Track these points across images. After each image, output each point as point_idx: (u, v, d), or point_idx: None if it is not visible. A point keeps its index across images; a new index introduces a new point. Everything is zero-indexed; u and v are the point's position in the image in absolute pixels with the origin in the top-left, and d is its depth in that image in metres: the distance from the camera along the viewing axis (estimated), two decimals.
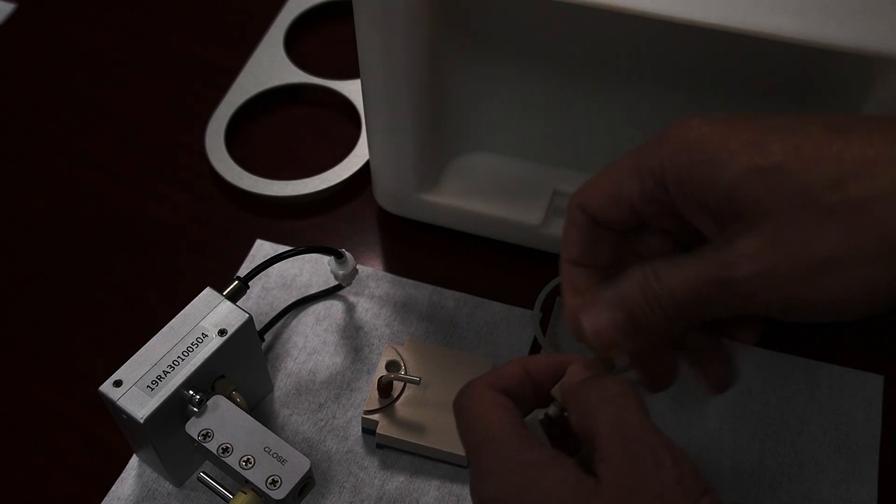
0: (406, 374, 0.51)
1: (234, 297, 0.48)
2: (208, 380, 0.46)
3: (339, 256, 0.54)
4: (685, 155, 0.33)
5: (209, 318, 0.46)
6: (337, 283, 0.56)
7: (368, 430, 0.50)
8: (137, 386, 0.44)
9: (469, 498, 0.42)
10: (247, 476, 0.43)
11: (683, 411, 0.51)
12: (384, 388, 0.50)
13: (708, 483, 0.33)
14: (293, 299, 0.56)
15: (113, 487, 0.50)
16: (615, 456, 0.33)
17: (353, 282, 0.56)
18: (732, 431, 0.51)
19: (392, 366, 0.51)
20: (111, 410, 0.45)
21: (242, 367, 0.48)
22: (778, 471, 0.49)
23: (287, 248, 0.55)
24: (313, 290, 0.57)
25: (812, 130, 0.32)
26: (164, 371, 0.44)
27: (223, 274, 0.58)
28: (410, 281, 0.57)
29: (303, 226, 0.61)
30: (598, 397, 0.35)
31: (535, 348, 0.54)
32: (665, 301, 0.34)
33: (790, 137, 0.32)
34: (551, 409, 0.38)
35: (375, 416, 0.50)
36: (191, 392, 0.44)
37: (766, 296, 0.32)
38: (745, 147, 0.32)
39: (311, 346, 0.55)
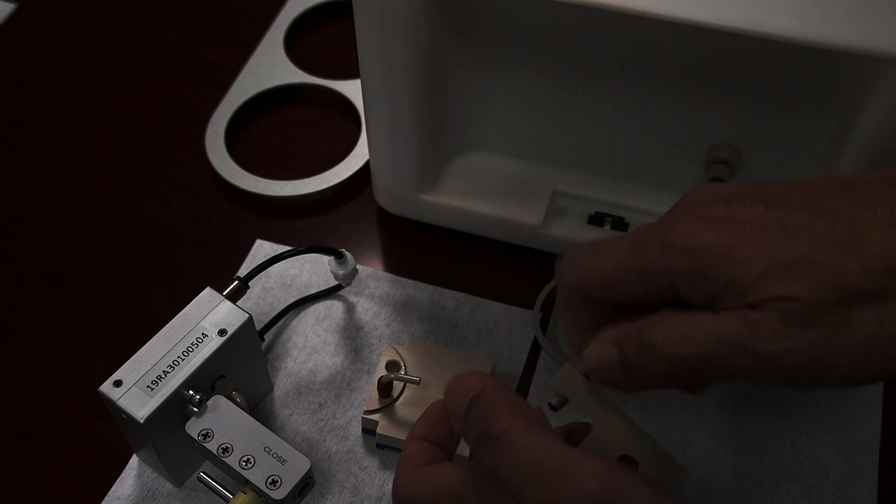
0: (406, 374, 0.51)
1: (234, 297, 0.48)
2: (208, 380, 0.46)
3: (339, 256, 0.54)
4: (697, 261, 0.34)
5: (209, 318, 0.46)
6: (337, 283, 0.56)
7: (368, 430, 0.50)
8: (137, 386, 0.44)
9: None
10: (247, 476, 0.43)
11: (683, 409, 0.51)
12: (384, 388, 0.50)
13: (634, 476, 0.33)
14: (293, 299, 0.56)
15: (113, 487, 0.50)
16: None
17: (353, 282, 0.56)
18: (732, 431, 0.51)
19: (392, 366, 0.51)
20: (111, 410, 0.45)
21: (242, 367, 0.48)
22: (778, 471, 0.49)
23: (287, 248, 0.55)
24: (313, 290, 0.57)
25: (823, 226, 0.33)
26: (164, 371, 0.44)
27: (223, 274, 0.58)
28: (410, 281, 0.57)
29: (303, 226, 0.61)
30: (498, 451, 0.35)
31: (535, 348, 0.54)
32: (668, 353, 0.34)
33: (804, 232, 0.32)
34: (554, 400, 0.39)
35: (375, 416, 0.50)
36: (191, 392, 0.44)
37: (801, 367, 0.33)
38: (762, 246, 0.33)
39: (311, 346, 0.55)
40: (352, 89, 0.68)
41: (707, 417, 0.51)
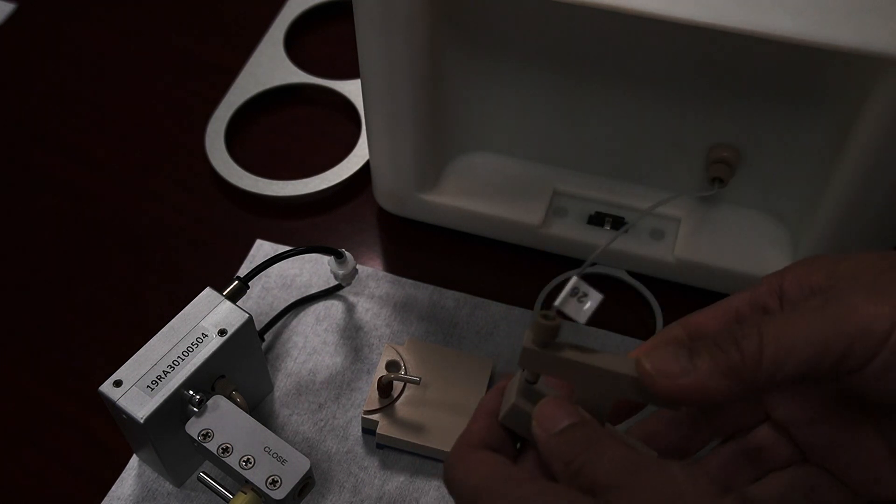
0: (406, 374, 0.51)
1: (234, 297, 0.48)
2: (208, 380, 0.46)
3: (339, 256, 0.54)
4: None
5: (209, 318, 0.46)
6: (337, 283, 0.56)
7: (368, 430, 0.50)
8: (137, 386, 0.44)
9: None
10: (247, 476, 0.43)
11: None
12: (384, 388, 0.50)
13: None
14: (293, 299, 0.56)
15: (113, 487, 0.50)
16: (625, 485, 0.32)
17: (353, 282, 0.56)
18: None
19: (392, 366, 0.51)
20: (111, 410, 0.45)
21: (242, 367, 0.48)
22: None
23: (287, 248, 0.55)
24: (313, 290, 0.57)
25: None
26: (164, 371, 0.44)
27: (223, 274, 0.58)
28: (410, 281, 0.57)
29: (303, 226, 0.61)
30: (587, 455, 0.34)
31: None
32: (773, 356, 0.34)
33: None
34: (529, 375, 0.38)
35: (375, 416, 0.50)
36: (191, 392, 0.44)
37: None
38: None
39: (311, 346, 0.55)
40: (352, 89, 0.68)
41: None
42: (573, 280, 0.37)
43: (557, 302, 0.37)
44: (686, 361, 0.34)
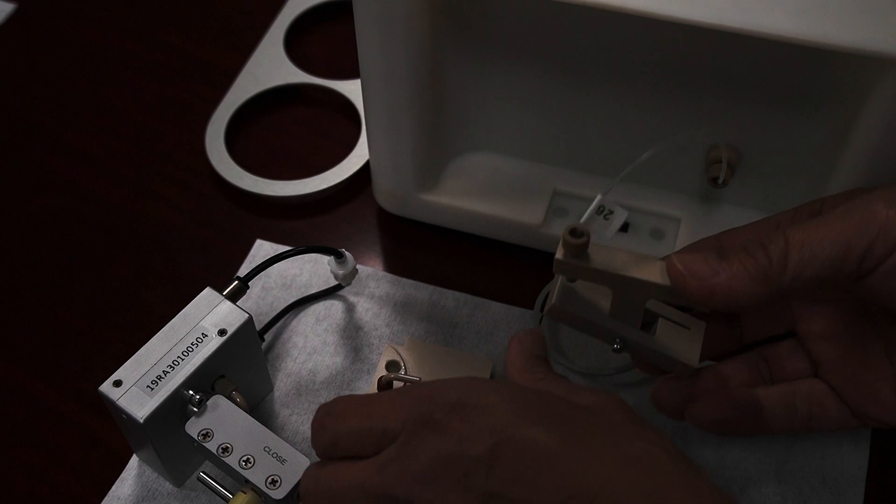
0: (406, 374, 0.51)
1: (234, 297, 0.48)
2: (208, 380, 0.46)
3: (339, 256, 0.54)
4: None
5: (209, 318, 0.46)
6: (337, 283, 0.56)
7: None
8: (137, 386, 0.44)
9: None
10: (247, 476, 0.43)
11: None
12: (384, 388, 0.50)
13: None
14: (293, 299, 0.56)
15: (113, 487, 0.50)
16: None
17: (353, 282, 0.56)
18: (715, 460, 0.49)
19: (392, 366, 0.51)
20: (111, 410, 0.45)
21: (242, 367, 0.48)
22: (760, 501, 0.48)
23: (287, 248, 0.55)
24: (313, 290, 0.57)
25: None
26: (164, 371, 0.44)
27: (223, 274, 0.58)
28: (410, 281, 0.57)
29: (303, 226, 0.61)
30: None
31: None
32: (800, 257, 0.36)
33: None
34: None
35: None
36: (191, 392, 0.45)
37: None
38: None
39: (311, 346, 0.55)
40: (352, 89, 0.68)
41: (689, 445, 0.50)
42: (598, 198, 0.38)
43: (583, 219, 0.38)
44: (715, 264, 0.37)
